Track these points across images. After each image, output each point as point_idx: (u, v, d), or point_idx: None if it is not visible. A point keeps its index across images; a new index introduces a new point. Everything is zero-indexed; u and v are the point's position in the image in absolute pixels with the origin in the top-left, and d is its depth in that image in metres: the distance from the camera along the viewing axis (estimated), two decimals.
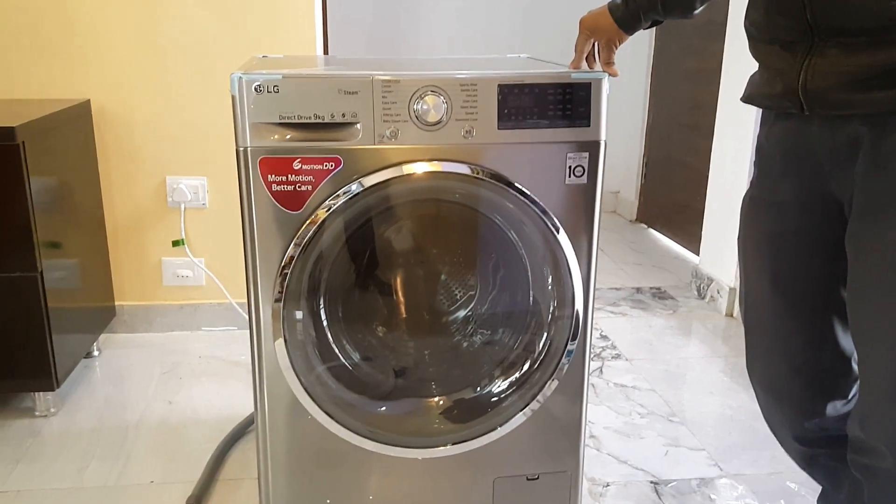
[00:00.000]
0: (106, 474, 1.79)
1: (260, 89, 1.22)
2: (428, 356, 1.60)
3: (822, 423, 1.26)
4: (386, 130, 1.27)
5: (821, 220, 1.15)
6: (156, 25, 2.28)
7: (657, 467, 1.86)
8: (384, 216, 1.42)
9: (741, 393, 2.23)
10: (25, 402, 2.07)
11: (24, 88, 2.28)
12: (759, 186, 1.24)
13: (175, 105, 2.34)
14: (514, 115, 1.29)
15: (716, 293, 2.89)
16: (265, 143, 1.25)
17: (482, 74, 1.28)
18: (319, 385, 1.41)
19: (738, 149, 2.73)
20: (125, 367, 2.32)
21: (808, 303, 1.21)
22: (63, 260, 2.08)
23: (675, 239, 3.67)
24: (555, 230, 1.36)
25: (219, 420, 2.02)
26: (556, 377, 1.45)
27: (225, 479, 1.78)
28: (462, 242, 1.54)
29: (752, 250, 1.26)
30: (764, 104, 1.18)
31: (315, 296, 1.41)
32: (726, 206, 2.84)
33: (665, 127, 3.78)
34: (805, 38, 1.05)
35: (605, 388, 2.25)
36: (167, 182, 2.40)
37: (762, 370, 1.31)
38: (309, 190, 1.28)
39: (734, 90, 2.76)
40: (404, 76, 1.26)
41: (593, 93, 1.30)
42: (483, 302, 1.57)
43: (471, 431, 1.47)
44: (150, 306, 2.52)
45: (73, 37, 2.26)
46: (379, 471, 1.48)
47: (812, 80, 1.05)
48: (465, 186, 1.35)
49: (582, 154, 1.33)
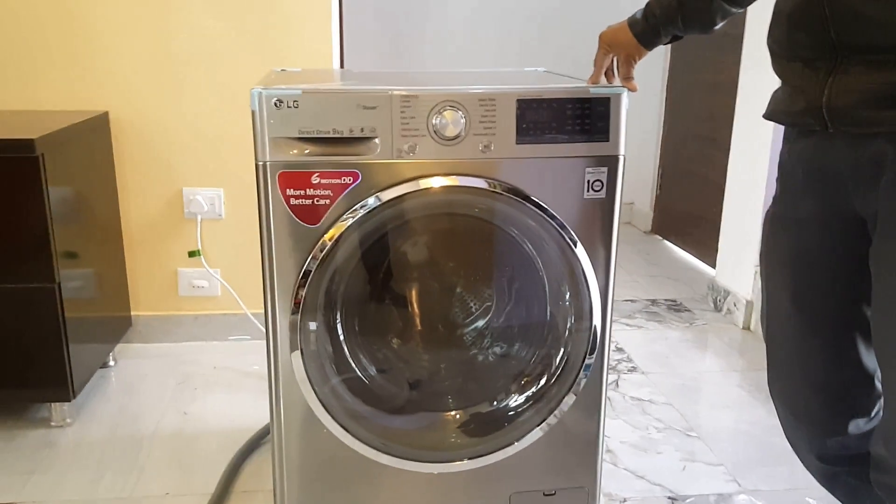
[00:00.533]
0: (121, 486, 1.79)
1: (280, 104, 1.23)
2: (444, 369, 1.59)
3: (844, 441, 1.24)
4: (404, 145, 1.27)
5: (844, 238, 1.14)
6: (172, 38, 2.29)
7: (674, 483, 1.84)
8: (401, 230, 1.42)
9: (758, 407, 2.21)
10: (41, 413, 2.08)
11: (43, 100, 2.30)
12: (782, 203, 1.23)
13: (192, 117, 2.36)
14: (533, 129, 1.29)
15: (732, 306, 2.87)
16: (284, 158, 1.25)
17: (500, 89, 1.28)
18: (334, 397, 1.41)
19: (755, 161, 2.71)
20: (140, 378, 2.32)
21: (831, 321, 1.20)
22: (80, 270, 2.09)
23: (690, 251, 3.65)
24: (573, 244, 1.35)
25: (233, 431, 2.02)
26: (574, 392, 1.44)
27: (239, 492, 1.77)
28: (479, 256, 1.54)
29: (774, 267, 1.25)
30: (786, 121, 1.17)
31: (332, 308, 1.42)
32: (743, 218, 2.82)
33: (680, 138, 3.77)
34: (828, 56, 1.04)
35: (621, 401, 2.24)
36: (184, 193, 2.41)
37: (783, 388, 1.30)
38: (327, 204, 1.28)
39: (751, 102, 2.75)
40: (423, 91, 1.26)
41: (612, 107, 1.30)
42: (499, 315, 1.57)
43: (487, 446, 1.46)
44: (166, 316, 2.53)
45: (92, 49, 2.28)
46: (394, 485, 1.47)
47: (836, 98, 1.04)
48: (483, 201, 1.35)
49: (601, 168, 1.32)
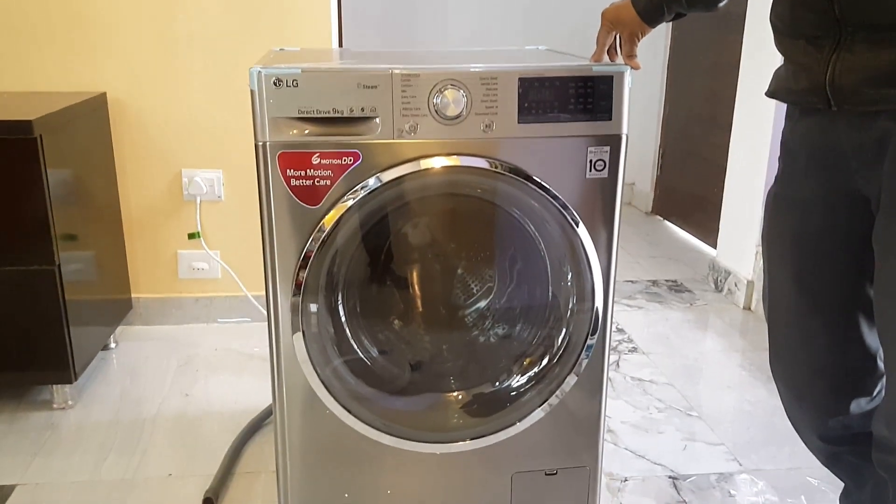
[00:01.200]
0: (124, 467, 1.79)
1: (279, 84, 1.21)
2: (445, 350, 1.59)
3: (846, 420, 1.24)
4: (405, 125, 1.26)
5: (847, 218, 1.13)
6: (171, 18, 2.27)
7: (675, 462, 1.85)
8: (402, 210, 1.41)
9: (759, 387, 2.21)
10: (43, 395, 2.08)
11: (41, 81, 2.28)
12: (784, 183, 1.22)
13: (190, 98, 2.34)
14: (535, 108, 1.27)
15: (733, 286, 2.87)
16: (284, 138, 1.24)
17: (502, 68, 1.27)
18: (336, 379, 1.41)
19: (757, 141, 2.70)
20: (142, 360, 2.32)
21: (833, 301, 1.19)
22: (80, 253, 2.08)
23: (691, 231, 3.64)
24: (574, 224, 1.34)
25: (235, 413, 2.02)
26: (575, 372, 1.44)
27: (242, 473, 1.78)
28: (481, 236, 1.53)
29: (776, 248, 1.25)
30: (789, 99, 1.16)
31: (333, 290, 1.41)
32: (744, 199, 2.82)
33: (682, 119, 3.75)
34: (832, 33, 1.03)
35: (622, 381, 2.24)
36: (183, 175, 2.40)
37: (785, 368, 1.29)
38: (327, 184, 1.27)
39: (753, 82, 2.73)
40: (424, 70, 1.25)
41: (615, 86, 1.28)
42: (501, 296, 1.57)
43: (489, 426, 1.46)
44: (166, 299, 2.53)
45: (89, 30, 2.26)
46: (396, 465, 1.47)
47: (839, 76, 1.03)
48: (485, 181, 1.33)
49: (603, 148, 1.31)
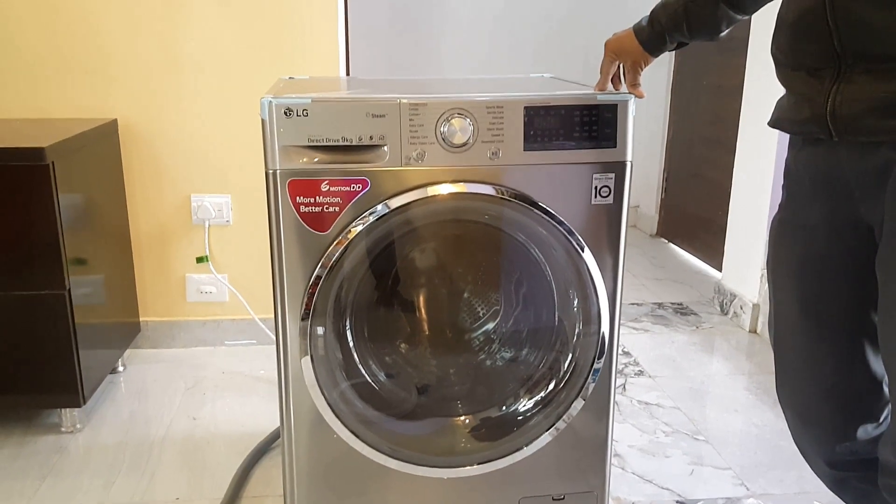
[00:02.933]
0: (132, 491, 1.80)
1: (289, 113, 1.24)
2: (452, 374, 1.60)
3: (853, 446, 1.25)
4: (413, 152, 1.28)
5: (851, 244, 1.14)
6: (181, 46, 2.30)
7: (683, 486, 1.84)
8: (410, 236, 1.43)
9: (766, 411, 2.21)
10: (52, 418, 2.09)
11: (53, 108, 2.31)
12: (788, 210, 1.23)
13: (200, 124, 2.37)
14: (541, 136, 1.29)
15: (739, 309, 2.87)
16: (294, 166, 1.26)
17: (508, 97, 1.29)
18: (344, 402, 1.42)
19: (761, 163, 2.72)
20: (150, 383, 2.33)
21: (839, 327, 1.20)
22: (90, 277, 2.10)
23: (696, 254, 3.65)
24: (580, 249, 1.36)
25: (242, 436, 2.03)
26: (582, 396, 1.44)
27: (249, 497, 1.78)
28: (487, 261, 1.55)
29: (781, 274, 1.26)
30: (792, 130, 1.17)
31: (341, 314, 1.42)
32: (749, 221, 2.83)
33: (686, 141, 3.77)
34: (832, 65, 1.05)
35: (629, 405, 2.24)
36: (192, 199, 2.42)
37: (792, 394, 1.30)
38: (336, 211, 1.29)
39: (756, 105, 2.75)
40: (431, 99, 1.27)
41: (619, 114, 1.30)
42: (507, 320, 1.58)
43: (497, 451, 1.47)
44: (174, 322, 2.54)
45: (101, 57, 2.29)
46: (403, 490, 1.48)
47: (840, 107, 1.04)
48: (491, 207, 1.35)
49: (608, 175, 1.33)
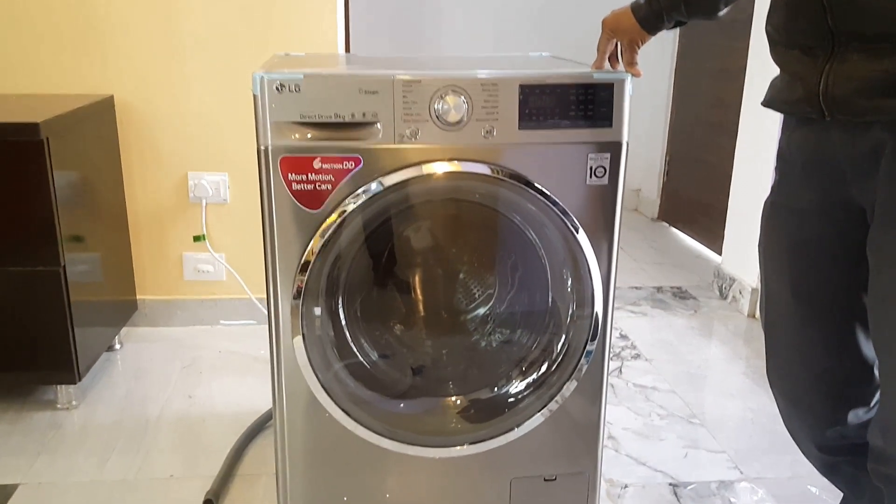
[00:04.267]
0: (126, 468, 1.80)
1: (281, 89, 1.22)
2: (445, 355, 1.59)
3: (844, 431, 1.24)
4: (406, 130, 1.26)
5: (843, 227, 1.14)
6: (178, 21, 2.29)
7: (676, 469, 1.85)
8: (403, 215, 1.42)
9: (762, 396, 2.20)
10: (47, 395, 2.10)
11: (49, 84, 2.30)
12: (780, 192, 1.22)
13: (197, 101, 2.35)
14: (536, 115, 1.28)
15: (738, 293, 2.86)
16: (286, 142, 1.25)
17: (503, 74, 1.28)
18: (337, 382, 1.41)
19: (763, 148, 2.70)
20: (146, 361, 2.34)
21: (830, 310, 1.19)
22: (85, 254, 2.09)
23: (696, 238, 3.64)
24: (575, 231, 1.35)
25: (238, 415, 2.03)
26: (575, 378, 1.44)
27: (243, 475, 1.79)
28: (481, 242, 1.54)
29: (772, 257, 1.25)
30: (784, 109, 1.16)
31: (334, 294, 1.42)
32: (750, 206, 2.81)
33: (688, 125, 3.74)
34: (826, 44, 1.04)
35: (625, 388, 2.24)
36: (189, 178, 2.41)
37: (783, 378, 1.29)
38: (329, 189, 1.28)
39: (759, 89, 2.73)
40: (425, 76, 1.25)
41: (616, 93, 1.29)
42: (501, 301, 1.57)
43: (488, 431, 1.46)
44: (171, 301, 2.54)
45: (97, 33, 2.28)
46: (395, 469, 1.48)
47: (833, 86, 1.03)
48: (485, 187, 1.34)
49: (603, 155, 1.32)
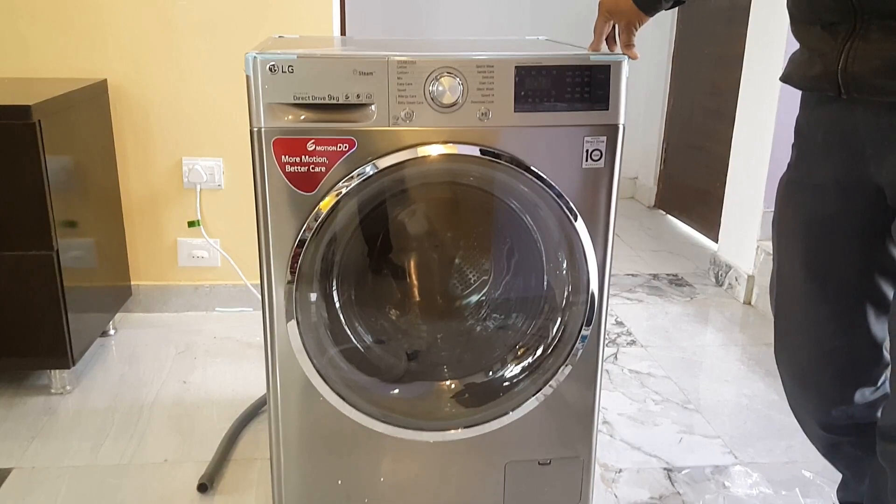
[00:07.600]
0: (120, 452, 1.80)
1: (274, 69, 1.21)
2: (440, 340, 1.59)
3: (850, 410, 1.24)
4: (401, 112, 1.25)
5: (860, 205, 1.12)
6: (172, 4, 2.27)
7: (671, 454, 1.85)
8: (398, 198, 1.41)
9: (757, 381, 2.21)
10: (41, 380, 2.09)
11: (41, 67, 2.28)
12: (798, 169, 1.21)
13: (191, 85, 2.34)
14: (531, 97, 1.27)
15: (734, 281, 2.86)
16: (279, 124, 1.24)
17: (499, 56, 1.27)
18: (332, 367, 1.41)
19: (760, 135, 2.69)
20: (140, 347, 2.33)
21: (842, 288, 1.18)
22: (79, 239, 2.08)
23: (693, 226, 3.64)
24: (570, 214, 1.34)
25: (232, 400, 2.03)
26: (570, 362, 1.43)
27: (238, 459, 1.78)
28: (476, 226, 1.53)
29: (786, 234, 1.23)
30: (801, 85, 1.15)
31: (328, 278, 1.41)
32: (746, 193, 2.81)
33: (686, 112, 3.73)
34: (848, 20, 1.02)
35: (620, 374, 2.24)
36: (183, 163, 2.40)
37: (791, 356, 1.28)
38: (323, 171, 1.27)
39: (756, 75, 2.72)
40: (420, 57, 1.24)
41: (612, 75, 1.28)
42: (497, 286, 1.56)
43: (483, 415, 1.46)
44: (166, 286, 2.53)
45: (90, 16, 2.26)
46: (390, 453, 1.47)
47: (853, 64, 1.02)
48: (480, 169, 1.33)
49: (600, 138, 1.31)
